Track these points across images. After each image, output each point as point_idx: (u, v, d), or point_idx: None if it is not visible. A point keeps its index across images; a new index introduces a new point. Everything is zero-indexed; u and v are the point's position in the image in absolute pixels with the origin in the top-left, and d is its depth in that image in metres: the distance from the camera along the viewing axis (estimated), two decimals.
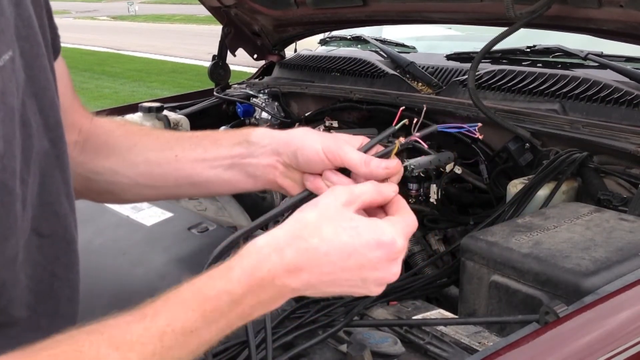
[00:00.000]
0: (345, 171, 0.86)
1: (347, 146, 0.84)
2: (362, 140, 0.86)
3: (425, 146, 0.87)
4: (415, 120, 0.86)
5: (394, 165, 0.82)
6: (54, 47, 0.85)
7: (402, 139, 0.85)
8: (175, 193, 1.03)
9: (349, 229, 0.70)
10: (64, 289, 0.72)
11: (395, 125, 0.85)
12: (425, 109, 0.90)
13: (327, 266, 0.69)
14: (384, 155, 0.84)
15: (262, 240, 0.70)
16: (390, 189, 0.79)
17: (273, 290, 0.68)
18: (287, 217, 0.81)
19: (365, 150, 0.85)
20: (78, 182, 0.95)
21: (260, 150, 0.92)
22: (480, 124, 0.87)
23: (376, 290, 0.73)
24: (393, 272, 0.72)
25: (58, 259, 0.74)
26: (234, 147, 0.94)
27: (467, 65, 1.84)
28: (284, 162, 0.91)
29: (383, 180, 0.82)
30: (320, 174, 0.86)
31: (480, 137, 0.87)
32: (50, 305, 0.73)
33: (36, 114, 0.69)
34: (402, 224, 0.74)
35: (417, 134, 0.85)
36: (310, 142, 0.87)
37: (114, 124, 1.03)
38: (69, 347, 0.59)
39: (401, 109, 0.88)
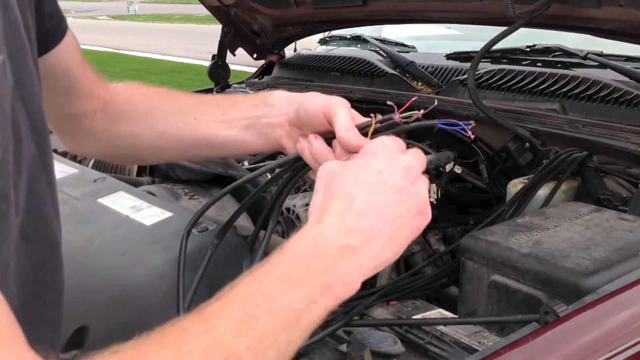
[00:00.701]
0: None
1: (345, 110, 0.86)
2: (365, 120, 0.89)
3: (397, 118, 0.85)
4: (416, 114, 0.85)
5: (365, 143, 0.82)
6: (60, 28, 0.88)
7: (379, 116, 0.85)
8: (193, 154, 1.10)
9: (343, 165, 0.74)
10: (48, 293, 0.71)
11: (401, 112, 0.84)
12: (436, 102, 0.90)
13: (349, 184, 0.70)
14: (363, 130, 0.85)
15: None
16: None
17: (329, 244, 0.67)
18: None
19: (362, 128, 0.85)
20: (104, 148, 1.04)
21: (275, 111, 0.96)
22: (473, 122, 0.86)
23: (418, 191, 0.75)
24: (401, 161, 0.73)
25: (44, 263, 0.73)
26: (251, 109, 0.98)
27: (467, 65, 1.85)
28: (289, 119, 0.94)
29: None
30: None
31: (472, 137, 0.87)
32: (35, 310, 0.72)
33: (24, 117, 0.69)
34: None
35: (399, 117, 0.83)
36: (315, 97, 0.90)
37: (131, 88, 1.08)
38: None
39: (412, 99, 0.86)
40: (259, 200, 1.82)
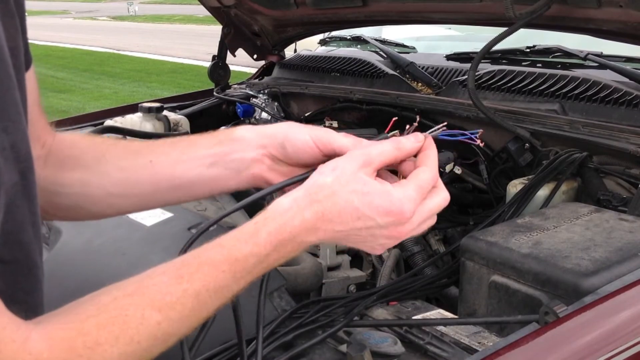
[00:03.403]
0: None
1: (335, 133, 0.85)
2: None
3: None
4: (408, 126, 0.86)
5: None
6: (26, 59, 0.80)
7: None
8: (152, 201, 0.98)
9: (361, 195, 0.75)
10: (20, 311, 0.69)
11: (388, 132, 0.86)
12: (418, 120, 0.90)
13: (339, 225, 0.76)
14: None
15: (285, 203, 0.76)
16: (410, 143, 0.81)
17: (293, 245, 0.76)
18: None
19: None
20: (43, 198, 0.88)
21: (243, 146, 0.91)
22: (482, 130, 0.88)
23: (379, 250, 0.80)
24: (401, 231, 0.78)
25: (18, 284, 0.72)
26: (214, 146, 0.92)
27: (467, 66, 1.85)
28: (270, 154, 0.90)
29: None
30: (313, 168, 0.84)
31: (482, 145, 0.88)
32: None
33: (6, 149, 0.66)
34: (413, 186, 0.77)
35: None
36: (296, 132, 0.88)
37: (77, 137, 0.99)
38: (115, 312, 0.65)
39: (393, 119, 0.90)
40: (258, 201, 1.82)
